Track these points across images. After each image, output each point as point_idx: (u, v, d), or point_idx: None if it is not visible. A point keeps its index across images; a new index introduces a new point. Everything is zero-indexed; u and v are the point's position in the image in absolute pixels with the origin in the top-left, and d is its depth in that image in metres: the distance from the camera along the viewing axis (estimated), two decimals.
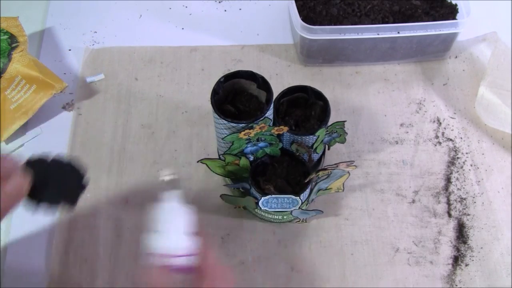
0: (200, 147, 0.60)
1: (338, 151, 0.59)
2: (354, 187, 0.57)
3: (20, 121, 0.58)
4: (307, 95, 0.53)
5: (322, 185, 0.52)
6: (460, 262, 0.53)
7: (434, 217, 0.55)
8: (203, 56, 0.67)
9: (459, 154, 0.60)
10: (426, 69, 0.67)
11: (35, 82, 0.59)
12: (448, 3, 0.66)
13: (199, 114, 0.62)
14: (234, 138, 0.47)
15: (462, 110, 0.63)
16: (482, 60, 0.67)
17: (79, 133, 0.60)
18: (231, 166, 0.50)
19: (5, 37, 0.61)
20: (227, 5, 0.73)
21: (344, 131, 0.52)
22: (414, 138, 0.61)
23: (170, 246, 0.38)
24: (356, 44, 0.62)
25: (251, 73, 0.50)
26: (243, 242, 0.53)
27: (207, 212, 0.55)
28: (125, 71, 0.66)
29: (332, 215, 0.55)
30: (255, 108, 0.51)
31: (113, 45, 0.68)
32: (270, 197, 0.48)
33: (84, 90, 0.64)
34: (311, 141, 0.51)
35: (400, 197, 0.57)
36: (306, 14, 0.64)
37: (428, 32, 0.61)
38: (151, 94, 0.64)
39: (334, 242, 0.53)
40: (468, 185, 0.58)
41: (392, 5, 0.65)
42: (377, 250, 0.53)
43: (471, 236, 0.54)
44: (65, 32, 0.69)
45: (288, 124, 0.51)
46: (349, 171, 0.51)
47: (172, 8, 0.72)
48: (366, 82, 0.65)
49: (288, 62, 0.67)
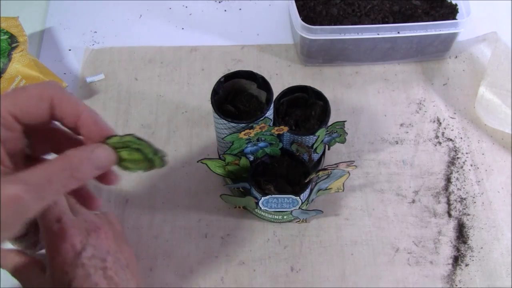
0: (200, 147, 0.60)
1: (338, 151, 0.59)
2: (354, 187, 0.57)
3: None
4: (307, 95, 0.53)
5: (322, 185, 0.52)
6: (460, 262, 0.53)
7: (434, 217, 0.55)
8: (203, 56, 0.67)
9: (459, 154, 0.60)
10: (426, 69, 0.67)
11: (35, 82, 0.59)
12: (448, 3, 0.66)
13: (199, 114, 0.62)
14: (234, 138, 0.47)
15: (462, 110, 0.63)
16: (482, 60, 0.67)
17: None
18: (231, 166, 0.50)
19: (5, 37, 0.61)
20: (227, 5, 0.73)
21: (344, 131, 0.52)
22: (414, 138, 0.61)
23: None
24: (356, 44, 0.62)
25: (251, 73, 0.50)
26: (243, 242, 0.53)
27: (207, 212, 0.55)
28: (125, 71, 0.66)
29: (332, 215, 0.55)
30: (255, 108, 0.51)
31: (113, 45, 0.68)
32: (270, 197, 0.48)
33: (84, 90, 0.64)
34: (311, 141, 0.51)
35: (400, 197, 0.57)
36: (306, 14, 0.64)
37: (428, 32, 0.61)
38: (151, 94, 0.64)
39: (334, 242, 0.53)
40: (468, 185, 0.58)
41: (392, 5, 0.65)
42: (377, 250, 0.53)
43: (471, 236, 0.54)
44: (65, 32, 0.69)
45: (288, 124, 0.51)
46: (349, 171, 0.51)
47: (172, 8, 0.72)
48: (366, 82, 0.65)
49: (288, 62, 0.67)
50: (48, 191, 0.32)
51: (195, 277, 0.51)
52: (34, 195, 0.30)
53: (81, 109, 0.36)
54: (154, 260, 0.52)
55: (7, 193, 0.29)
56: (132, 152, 0.37)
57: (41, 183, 0.31)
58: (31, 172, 0.31)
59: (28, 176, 0.31)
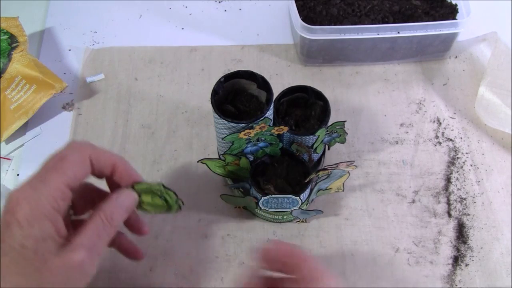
0: (200, 147, 0.60)
1: (338, 151, 0.59)
2: (354, 187, 0.57)
3: (20, 121, 0.58)
4: (307, 95, 0.53)
5: (322, 185, 0.52)
6: (460, 262, 0.53)
7: (434, 217, 0.55)
8: (203, 56, 0.67)
9: (459, 154, 0.60)
10: (426, 69, 0.67)
11: (35, 82, 0.59)
12: (448, 3, 0.66)
13: (199, 114, 0.62)
14: (234, 138, 0.47)
15: (462, 110, 0.63)
16: (482, 60, 0.67)
17: (79, 133, 0.60)
18: (231, 166, 0.50)
19: (5, 37, 0.61)
20: (227, 5, 0.73)
21: (344, 131, 0.52)
22: (414, 138, 0.61)
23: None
24: (356, 44, 0.62)
25: (251, 73, 0.50)
26: (243, 242, 0.53)
27: (207, 212, 0.55)
28: (125, 71, 0.66)
29: (332, 215, 0.55)
30: (255, 108, 0.51)
31: (113, 45, 0.68)
32: (270, 197, 0.48)
33: (84, 90, 0.64)
34: (311, 141, 0.51)
35: (400, 197, 0.57)
36: (306, 14, 0.64)
37: (428, 32, 0.61)
38: (151, 94, 0.64)
39: (334, 242, 0.53)
40: (468, 185, 0.58)
41: (392, 5, 0.65)
42: (377, 250, 0.53)
43: (471, 236, 0.54)
44: (65, 32, 0.69)
45: (288, 124, 0.51)
46: (349, 171, 0.51)
47: (172, 8, 0.72)
48: (366, 82, 0.65)
49: (288, 62, 0.67)
50: (100, 246, 0.38)
51: (195, 277, 0.51)
52: (93, 255, 0.37)
53: (114, 159, 0.42)
54: (154, 260, 0.52)
55: (74, 261, 0.36)
56: (155, 198, 0.42)
57: (94, 243, 0.37)
58: (84, 236, 0.37)
59: (83, 239, 0.37)
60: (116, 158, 0.42)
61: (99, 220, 0.38)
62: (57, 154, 0.39)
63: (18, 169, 0.57)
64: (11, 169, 0.58)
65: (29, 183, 0.37)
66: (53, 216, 0.37)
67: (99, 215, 0.39)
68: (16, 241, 0.35)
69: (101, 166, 0.41)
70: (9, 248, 0.35)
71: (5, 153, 0.59)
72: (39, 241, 0.35)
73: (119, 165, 0.42)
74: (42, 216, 0.36)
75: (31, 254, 0.35)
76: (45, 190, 0.36)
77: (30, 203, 0.36)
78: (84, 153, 0.40)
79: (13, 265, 0.35)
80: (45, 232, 0.36)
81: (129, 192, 0.41)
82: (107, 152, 0.42)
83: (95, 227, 0.38)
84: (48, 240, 0.36)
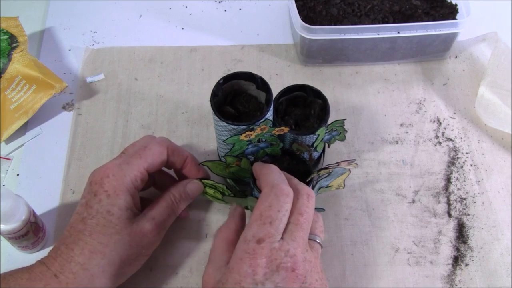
0: (200, 147, 0.60)
1: (338, 151, 0.59)
2: (354, 187, 0.57)
3: (20, 121, 0.58)
4: (306, 93, 0.53)
5: (323, 183, 0.52)
6: (460, 262, 0.53)
7: (434, 217, 0.55)
8: (203, 56, 0.67)
9: (459, 154, 0.60)
10: (426, 69, 0.67)
11: (35, 82, 0.59)
12: (448, 3, 0.66)
13: (199, 114, 0.62)
14: (235, 140, 0.47)
15: (462, 110, 0.63)
16: (482, 60, 0.67)
17: (79, 133, 0.60)
18: (232, 167, 0.50)
19: (5, 37, 0.61)
20: (227, 5, 0.73)
21: (344, 129, 0.52)
22: (414, 138, 0.61)
23: None
24: (356, 44, 0.63)
25: (250, 74, 0.50)
26: None
27: (208, 212, 0.55)
28: (125, 71, 0.66)
29: (332, 215, 0.55)
30: (254, 109, 0.51)
31: (113, 45, 0.68)
32: None
33: (84, 90, 0.64)
34: (312, 140, 0.51)
35: (400, 197, 0.57)
36: (306, 14, 0.64)
37: (428, 32, 0.61)
38: (151, 94, 0.64)
39: (334, 242, 0.53)
40: (468, 185, 0.58)
41: (392, 5, 0.65)
42: (377, 250, 0.53)
43: (471, 236, 0.54)
44: (65, 32, 0.69)
45: (287, 123, 0.51)
46: (350, 169, 0.51)
47: (172, 8, 0.72)
48: (366, 82, 0.65)
49: (288, 62, 0.67)
50: (167, 221, 0.47)
51: (195, 277, 0.51)
52: (161, 227, 0.46)
53: (186, 155, 0.50)
54: (154, 260, 0.52)
55: (146, 229, 0.44)
56: (217, 193, 0.51)
57: (163, 217, 0.46)
58: (156, 210, 0.46)
59: (154, 213, 0.46)
60: (187, 154, 0.50)
61: (170, 200, 0.47)
62: (140, 143, 0.48)
63: (18, 169, 0.57)
64: (11, 169, 0.58)
65: (117, 163, 0.45)
66: (133, 191, 0.45)
67: (170, 196, 0.48)
68: (103, 207, 0.43)
69: (175, 159, 0.49)
70: (96, 212, 0.43)
71: (5, 153, 0.59)
72: (122, 210, 0.43)
73: (189, 161, 0.50)
74: (126, 190, 0.44)
75: (115, 219, 0.43)
76: (129, 170, 0.44)
77: (117, 179, 0.44)
78: (163, 146, 0.48)
79: (99, 226, 0.42)
80: (127, 203, 0.44)
81: (198, 183, 0.50)
82: (181, 148, 0.50)
83: (166, 205, 0.47)
84: (128, 210, 0.44)
